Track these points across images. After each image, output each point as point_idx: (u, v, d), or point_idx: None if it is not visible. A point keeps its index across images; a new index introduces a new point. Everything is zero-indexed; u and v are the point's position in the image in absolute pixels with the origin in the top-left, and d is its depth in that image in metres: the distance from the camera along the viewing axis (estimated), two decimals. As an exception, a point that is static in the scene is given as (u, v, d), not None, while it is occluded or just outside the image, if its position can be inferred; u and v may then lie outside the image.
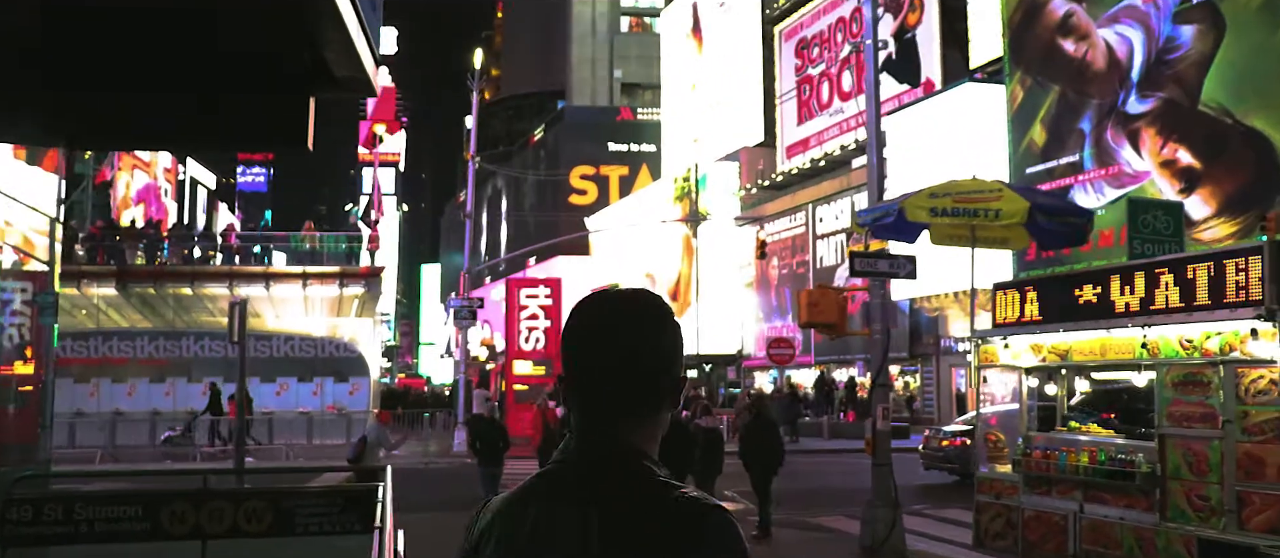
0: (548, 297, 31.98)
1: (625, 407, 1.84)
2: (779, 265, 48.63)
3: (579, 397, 1.87)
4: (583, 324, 1.87)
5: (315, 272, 30.64)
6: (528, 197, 73.55)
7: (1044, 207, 8.95)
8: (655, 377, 1.85)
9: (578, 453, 1.85)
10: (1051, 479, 8.67)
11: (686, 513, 1.75)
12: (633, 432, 1.85)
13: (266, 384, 31.19)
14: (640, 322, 1.85)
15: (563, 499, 1.81)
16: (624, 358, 1.83)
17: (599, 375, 1.83)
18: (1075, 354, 8.58)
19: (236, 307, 17.03)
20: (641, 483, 1.80)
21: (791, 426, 31.27)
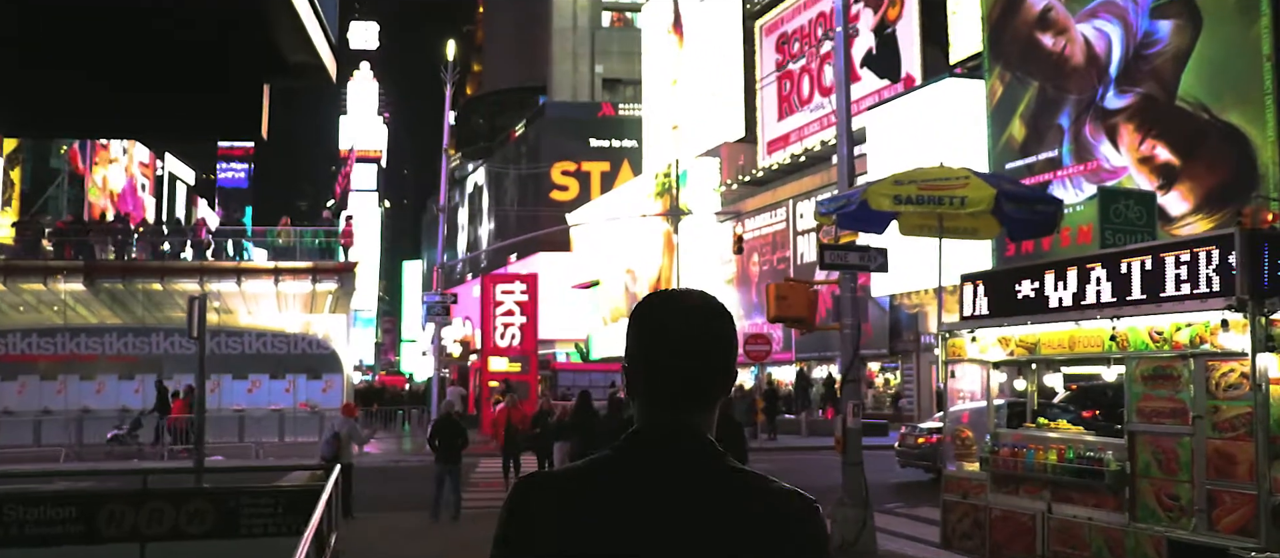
0: (524, 293, 31.61)
1: (700, 396, 1.95)
2: (760, 262, 48.35)
3: (653, 386, 1.95)
4: (665, 321, 1.97)
5: (288, 267, 30.16)
6: (509, 193, 73.04)
7: (1011, 193, 8.62)
8: (726, 369, 1.98)
9: (653, 438, 1.94)
10: (1019, 478, 8.34)
11: (775, 494, 1.90)
12: (700, 419, 1.95)
13: (238, 381, 30.71)
14: (720, 319, 1.99)
15: (642, 482, 1.88)
16: (704, 352, 1.95)
17: (680, 367, 1.93)
18: (1044, 347, 8.25)
19: (195, 302, 16.62)
20: (725, 466, 1.91)
21: (754, 426, 30.97)
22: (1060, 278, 7.88)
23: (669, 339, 1.95)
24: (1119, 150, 27.73)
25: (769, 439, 30.43)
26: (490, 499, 17.85)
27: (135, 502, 9.79)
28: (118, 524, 9.65)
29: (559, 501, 1.91)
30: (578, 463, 1.99)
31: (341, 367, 31.09)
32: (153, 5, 3.33)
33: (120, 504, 9.69)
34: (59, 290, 30.05)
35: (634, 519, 1.85)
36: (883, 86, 40.43)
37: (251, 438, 28.02)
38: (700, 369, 1.95)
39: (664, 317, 1.99)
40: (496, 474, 20.33)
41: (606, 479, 1.91)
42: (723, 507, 1.86)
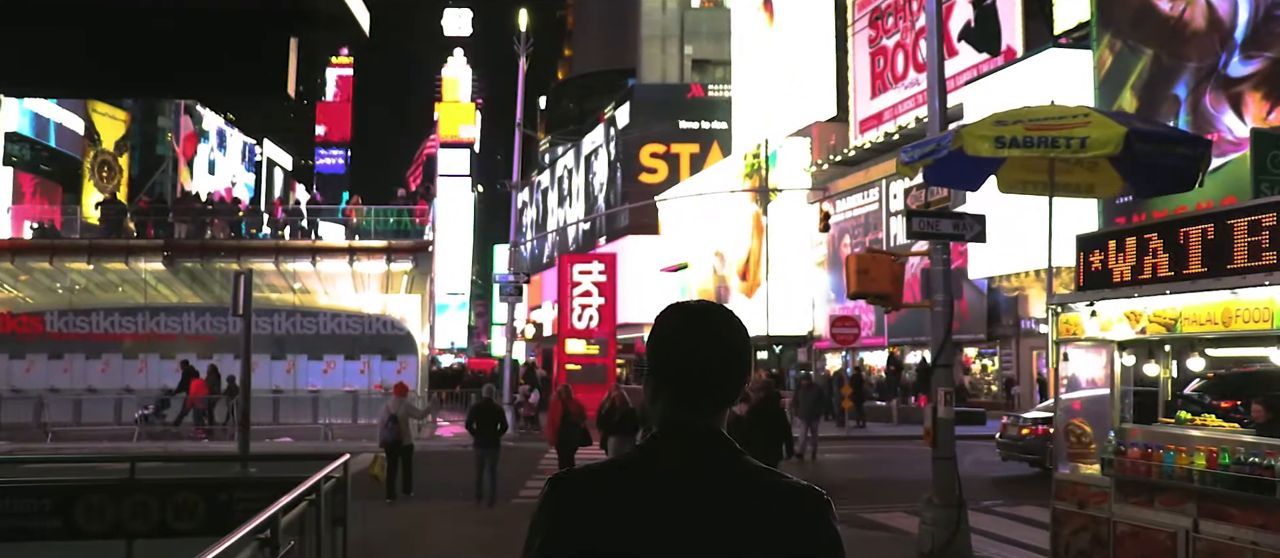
0: (602, 273, 30.20)
1: (720, 399, 2.07)
2: (851, 243, 46.27)
3: (676, 390, 2.06)
4: (687, 328, 2.08)
5: (362, 246, 29.24)
6: (598, 175, 71.90)
7: (1145, 133, 6.80)
8: (742, 373, 2.09)
9: (676, 438, 2.03)
10: (1154, 486, 6.56)
11: (786, 489, 1.99)
12: (718, 420, 2.07)
13: (313, 361, 29.97)
14: (737, 328, 2.10)
15: (670, 479, 1.97)
16: (725, 358, 2.06)
17: (702, 372, 2.04)
18: (1186, 323, 6.48)
19: (239, 278, 15.53)
20: (742, 464, 2.00)
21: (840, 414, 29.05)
22: (1221, 234, 6.09)
23: (691, 347, 2.05)
24: (1244, 121, 25.21)
25: (857, 427, 28.49)
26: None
27: (117, 494, 8.51)
28: (98, 518, 8.38)
29: (590, 496, 1.98)
30: (610, 460, 2.14)
31: (416, 348, 30.10)
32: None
33: (100, 497, 8.43)
34: (140, 269, 29.61)
35: (661, 516, 1.93)
36: (981, 61, 38.19)
37: (325, 419, 27.10)
38: (719, 375, 2.05)
39: (684, 326, 2.08)
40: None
41: (637, 476, 2.00)
42: (745, 505, 1.95)
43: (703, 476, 1.96)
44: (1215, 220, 6.37)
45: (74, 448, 23.61)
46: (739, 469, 1.98)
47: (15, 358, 29.68)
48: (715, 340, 2.05)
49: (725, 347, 2.05)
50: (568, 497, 1.99)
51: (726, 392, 2.06)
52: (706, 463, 1.98)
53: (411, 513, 15.03)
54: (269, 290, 30.75)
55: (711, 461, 1.99)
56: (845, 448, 24.28)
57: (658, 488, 1.95)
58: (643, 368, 31.43)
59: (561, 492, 2.00)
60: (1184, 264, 6.61)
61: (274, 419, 27.60)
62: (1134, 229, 7.37)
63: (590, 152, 74.09)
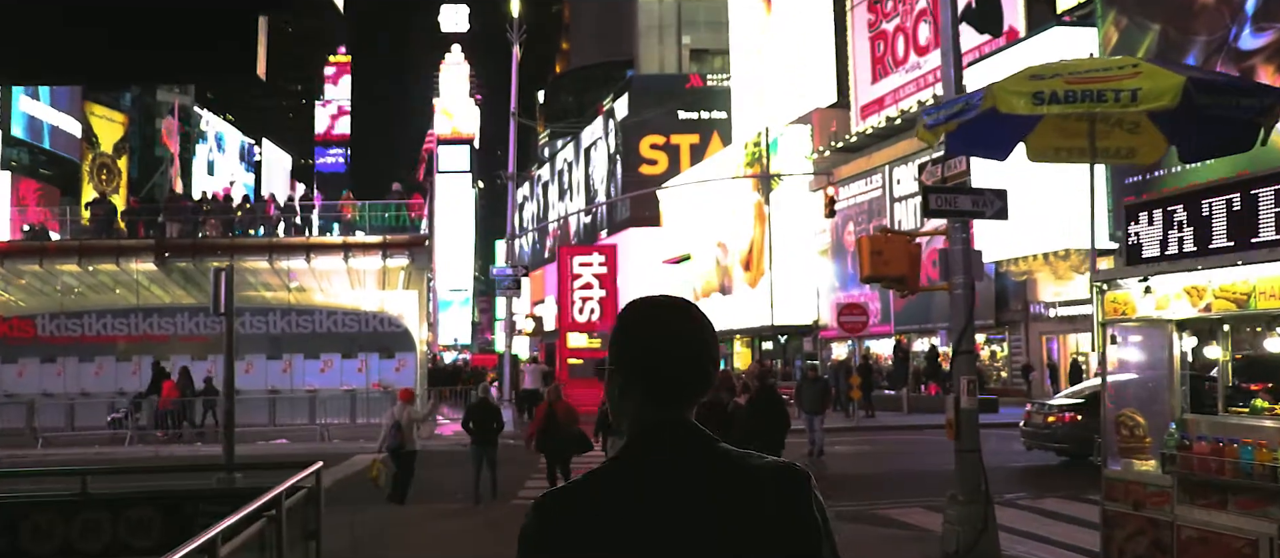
0: (602, 265, 29.33)
1: (693, 393, 2.01)
2: (855, 230, 45.36)
3: (649, 387, 1.99)
4: (657, 324, 2.03)
5: (357, 242, 28.41)
6: (597, 168, 71.00)
7: (1204, 83, 5.90)
8: (713, 367, 2.04)
9: (656, 439, 1.97)
10: (1227, 486, 5.71)
11: (769, 471, 1.95)
12: (690, 413, 2.01)
13: (310, 360, 29.15)
14: (703, 321, 2.06)
15: (655, 483, 1.91)
16: (697, 352, 2.01)
17: (675, 368, 1.99)
18: (1261, 299, 5.61)
19: (221, 275, 14.70)
20: (721, 454, 1.96)
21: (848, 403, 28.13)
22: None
23: (663, 344, 2.00)
24: (1258, 93, 24.29)
25: (867, 417, 27.60)
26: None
27: (67, 511, 7.65)
28: (46, 539, 7.53)
29: (574, 517, 1.91)
30: (591, 472, 1.98)
31: (415, 345, 29.27)
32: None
33: (48, 515, 7.57)
34: (132, 270, 28.79)
35: (652, 522, 1.87)
36: (983, 42, 37.28)
37: (323, 419, 26.26)
38: (693, 370, 2.01)
39: (654, 322, 2.03)
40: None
41: (621, 485, 1.93)
42: (732, 496, 1.91)
43: (687, 474, 1.92)
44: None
45: (58, 456, 22.81)
46: (721, 461, 1.95)
47: (7, 362, 28.90)
48: (685, 334, 2.02)
49: (695, 341, 2.02)
50: (549, 522, 1.92)
51: (699, 386, 2.02)
52: (689, 460, 1.94)
53: (403, 516, 14.27)
54: (264, 289, 29.95)
55: (693, 457, 1.95)
56: (854, 439, 23.41)
57: (644, 495, 1.90)
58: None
59: (541, 517, 1.93)
60: (1253, 232, 5.76)
61: (271, 420, 26.76)
62: (1194, 193, 6.49)
63: (589, 144, 73.18)
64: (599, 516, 1.89)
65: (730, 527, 1.88)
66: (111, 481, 8.90)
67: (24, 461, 21.97)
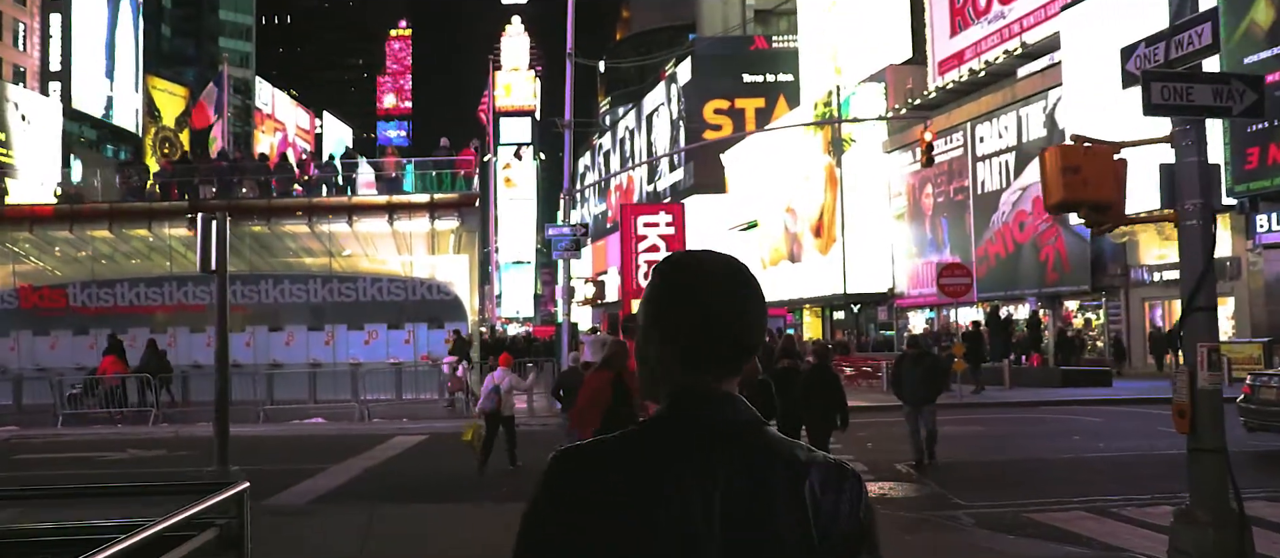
0: (669, 225, 26.15)
1: (736, 360, 1.70)
2: (934, 192, 41.68)
3: (687, 352, 1.69)
4: (698, 282, 1.70)
5: (402, 201, 25.49)
6: (659, 135, 67.64)
7: None
8: (760, 330, 1.73)
9: (690, 407, 1.68)
10: None
11: (816, 463, 1.66)
12: (733, 385, 1.72)
13: (354, 332, 26.35)
14: (749, 279, 1.73)
15: (684, 452, 1.63)
16: (741, 312, 1.70)
17: (718, 331, 1.68)
18: None
19: (211, 224, 11.76)
20: (764, 435, 1.68)
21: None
22: None
23: (704, 302, 1.68)
24: None
25: (974, 393, 23.81)
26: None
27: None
28: None
29: (595, 476, 1.63)
30: (623, 433, 1.69)
31: (466, 314, 26.32)
32: None
33: None
34: (165, 236, 26.17)
35: (676, 496, 1.59)
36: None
37: (367, 395, 23.34)
38: (732, 333, 1.69)
39: (694, 279, 1.71)
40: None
41: (649, 452, 1.64)
42: (772, 480, 1.62)
43: (721, 449, 1.63)
44: None
45: (76, 434, 20.25)
46: (761, 441, 1.66)
47: (39, 334, 26.55)
48: (730, 294, 1.70)
49: (740, 301, 1.70)
50: (565, 479, 1.64)
51: (743, 352, 1.70)
52: (725, 434, 1.65)
53: (437, 514, 11.24)
54: (304, 254, 27.18)
55: (729, 431, 1.65)
56: (962, 419, 19.61)
57: (667, 466, 1.61)
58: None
59: (558, 471, 1.65)
60: None
61: (311, 397, 23.98)
62: None
63: (652, 111, 69.84)
64: (617, 480, 1.61)
65: (760, 515, 1.59)
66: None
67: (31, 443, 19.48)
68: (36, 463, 16.57)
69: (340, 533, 10.52)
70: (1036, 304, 35.72)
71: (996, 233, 37.60)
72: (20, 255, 28.00)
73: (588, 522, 1.60)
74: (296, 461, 15.71)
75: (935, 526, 10.25)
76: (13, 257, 27.75)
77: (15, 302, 27.43)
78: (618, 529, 1.59)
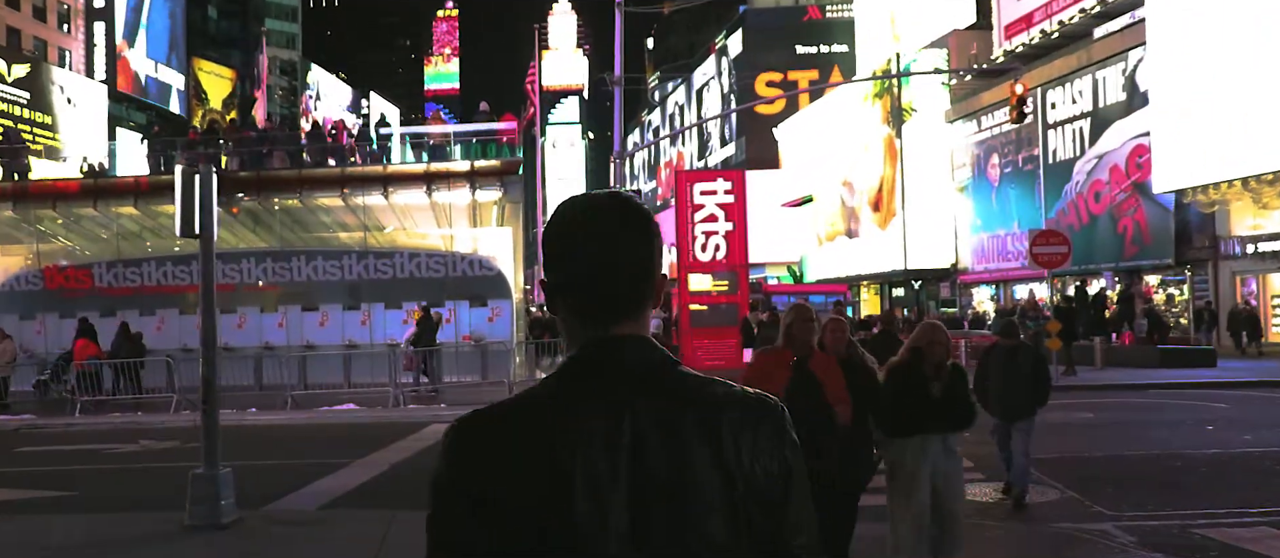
0: (728, 193, 23.81)
1: (632, 304, 1.57)
2: (1000, 162, 38.96)
3: (578, 299, 1.56)
4: (586, 224, 1.57)
5: (440, 170, 23.42)
6: (710, 110, 65.14)
7: None
8: (653, 270, 1.60)
9: (594, 354, 1.54)
10: None
11: (734, 399, 1.52)
12: (638, 326, 1.58)
13: (391, 311, 24.36)
14: (642, 217, 1.59)
15: (587, 404, 1.49)
16: (634, 254, 1.57)
17: (608, 275, 1.55)
18: None
19: (191, 176, 9.68)
20: (675, 374, 1.54)
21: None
22: None
23: (593, 245, 1.56)
24: None
25: (1065, 374, 21.03)
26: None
27: None
28: None
29: (494, 439, 1.49)
30: (522, 394, 1.56)
31: (510, 291, 24.24)
32: None
33: None
34: (193, 211, 24.24)
35: (582, 447, 1.46)
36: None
37: (403, 378, 21.30)
38: (629, 275, 1.56)
39: (582, 221, 1.58)
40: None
41: (550, 406, 1.50)
42: (682, 422, 1.48)
43: (626, 393, 1.49)
44: None
45: (89, 423, 18.48)
46: (672, 381, 1.52)
47: (65, 316, 24.85)
48: (616, 234, 1.56)
49: (631, 240, 1.56)
50: (465, 446, 1.50)
51: (639, 292, 1.57)
52: (631, 378, 1.50)
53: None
54: (339, 229, 25.24)
55: (636, 374, 1.51)
56: (1066, 404, 16.80)
57: (576, 413, 1.48)
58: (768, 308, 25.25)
59: (469, 439, 1.50)
60: None
61: (346, 380, 22.09)
62: None
63: (702, 85, 67.34)
64: (519, 437, 1.48)
65: (668, 459, 1.45)
66: None
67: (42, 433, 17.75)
68: (37, 456, 14.79)
69: (346, 551, 8.48)
70: (1113, 279, 32.96)
71: (1069, 204, 34.86)
72: (46, 234, 26.39)
73: (493, 485, 1.45)
74: (318, 453, 13.73)
75: (1087, 544, 7.97)
76: (37, 235, 26.13)
77: (40, 283, 25.81)
78: (523, 486, 1.44)
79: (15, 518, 10.05)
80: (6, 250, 26.57)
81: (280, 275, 24.22)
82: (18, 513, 10.37)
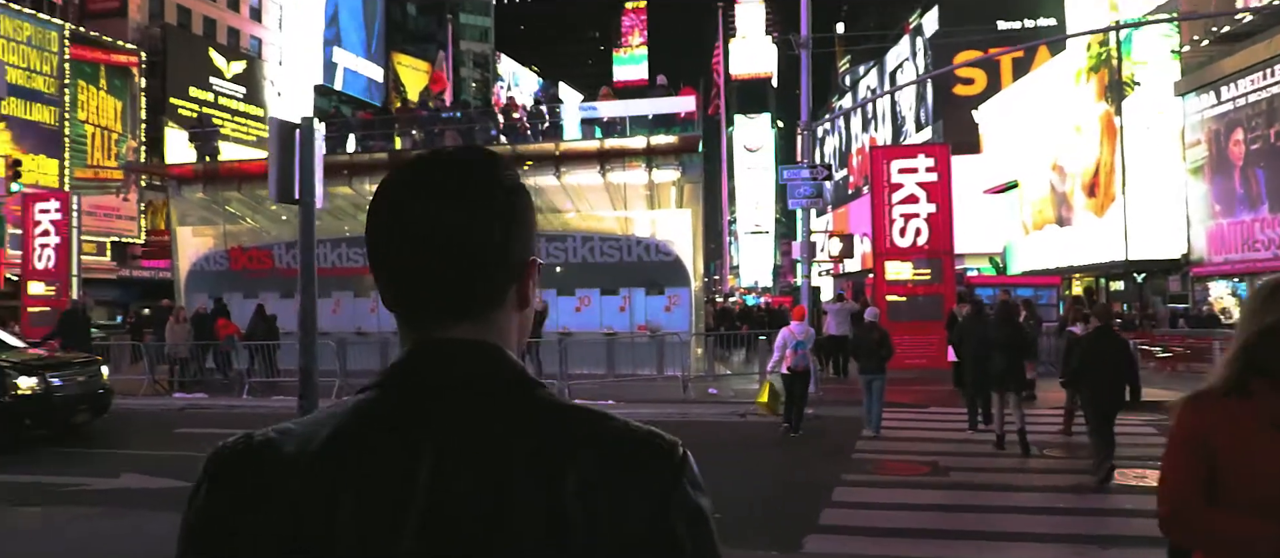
0: (930, 171, 20.93)
1: (470, 301, 1.14)
2: (1245, 138, 33.89)
3: (394, 291, 1.16)
4: (405, 194, 1.16)
5: (614, 146, 21.51)
6: (904, 93, 61.17)
7: None
8: (497, 254, 1.16)
9: (416, 364, 1.14)
10: None
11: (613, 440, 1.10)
12: (483, 329, 1.15)
13: (564, 297, 22.69)
14: (491, 183, 1.17)
15: (394, 429, 1.09)
16: (464, 228, 1.13)
17: (426, 261, 1.13)
18: None
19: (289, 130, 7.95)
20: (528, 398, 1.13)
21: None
22: None
23: (409, 221, 1.14)
24: None
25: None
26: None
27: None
28: None
29: (255, 478, 1.09)
30: (312, 415, 1.16)
31: (689, 279, 22.12)
32: None
33: None
34: (367, 192, 23.41)
35: (367, 486, 1.06)
36: None
37: (577, 369, 19.53)
38: (453, 261, 1.12)
39: (402, 193, 1.16)
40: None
41: (345, 434, 1.09)
42: (508, 463, 1.06)
43: (438, 423, 1.07)
44: None
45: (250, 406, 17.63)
46: (509, 407, 1.09)
47: (248, 296, 24.50)
48: (438, 200, 1.13)
49: (461, 210, 1.12)
50: (214, 487, 1.10)
51: (471, 285, 1.14)
52: (448, 403, 1.09)
53: None
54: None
55: (456, 398, 1.09)
56: None
57: (368, 449, 1.07)
58: (971, 299, 22.09)
59: (205, 478, 1.12)
60: None
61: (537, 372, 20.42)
62: None
63: (895, 68, 63.40)
64: (293, 474, 1.07)
65: (475, 521, 1.02)
66: None
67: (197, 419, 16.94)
68: (188, 439, 13.86)
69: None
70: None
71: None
72: (234, 215, 26.21)
73: (255, 528, 1.06)
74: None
75: None
76: (226, 216, 25.97)
77: (226, 263, 25.62)
78: (291, 537, 1.05)
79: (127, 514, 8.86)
80: (199, 231, 26.59)
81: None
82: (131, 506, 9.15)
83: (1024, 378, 12.56)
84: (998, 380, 12.35)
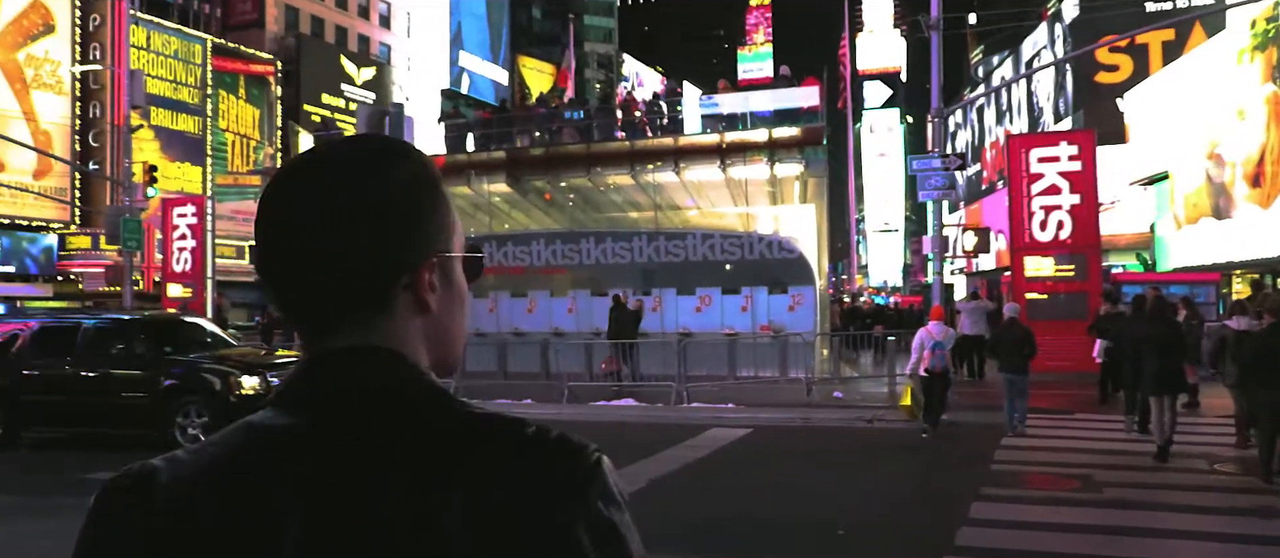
0: (1073, 160, 19.49)
1: (354, 304, 1.03)
2: None
3: (276, 296, 1.08)
4: (281, 192, 1.06)
5: (735, 140, 20.73)
6: (1041, 82, 58.35)
7: None
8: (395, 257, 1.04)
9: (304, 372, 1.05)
10: None
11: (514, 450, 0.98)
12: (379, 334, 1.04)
13: (684, 296, 22.03)
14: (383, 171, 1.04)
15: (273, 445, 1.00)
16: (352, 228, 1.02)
17: (299, 262, 1.03)
18: None
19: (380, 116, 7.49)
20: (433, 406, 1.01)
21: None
22: None
23: (265, 230, 1.05)
24: None
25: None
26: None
27: None
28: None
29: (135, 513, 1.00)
30: (211, 438, 1.05)
31: (813, 277, 21.15)
32: None
33: None
34: (485, 192, 23.30)
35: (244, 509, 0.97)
36: None
37: (697, 369, 18.80)
38: (305, 269, 1.02)
39: (264, 196, 1.07)
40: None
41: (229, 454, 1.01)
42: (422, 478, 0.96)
43: (320, 436, 0.99)
44: None
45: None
46: (396, 415, 0.99)
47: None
48: (319, 191, 1.02)
49: (342, 204, 1.01)
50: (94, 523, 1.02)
51: (354, 286, 1.02)
52: (331, 412, 1.00)
53: None
54: (630, 208, 23.30)
55: (338, 406, 1.01)
56: None
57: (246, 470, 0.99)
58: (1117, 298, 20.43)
59: (91, 513, 1.03)
60: None
61: (634, 373, 19.89)
62: None
63: (1032, 56, 60.55)
64: (187, 511, 0.98)
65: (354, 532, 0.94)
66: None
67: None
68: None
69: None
70: None
71: None
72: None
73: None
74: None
75: None
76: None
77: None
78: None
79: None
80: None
81: (570, 258, 22.58)
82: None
83: (1184, 381, 11.36)
84: (1153, 384, 11.18)
